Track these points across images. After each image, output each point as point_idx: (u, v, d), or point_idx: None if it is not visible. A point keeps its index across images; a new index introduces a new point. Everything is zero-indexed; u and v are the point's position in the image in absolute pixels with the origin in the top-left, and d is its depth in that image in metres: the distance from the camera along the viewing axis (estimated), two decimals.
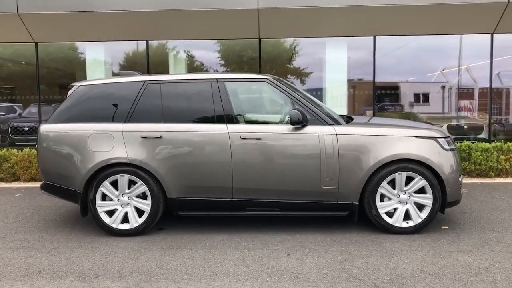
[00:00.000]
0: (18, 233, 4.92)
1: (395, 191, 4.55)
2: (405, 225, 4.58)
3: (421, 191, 4.55)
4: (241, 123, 4.83)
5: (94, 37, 9.27)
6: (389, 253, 4.08)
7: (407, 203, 4.57)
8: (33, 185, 7.57)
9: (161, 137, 4.61)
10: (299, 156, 4.56)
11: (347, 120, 5.14)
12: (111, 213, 4.70)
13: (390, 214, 4.60)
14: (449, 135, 4.82)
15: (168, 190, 4.62)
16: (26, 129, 10.48)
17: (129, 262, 3.99)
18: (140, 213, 4.69)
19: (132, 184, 4.65)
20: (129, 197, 4.66)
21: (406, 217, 4.59)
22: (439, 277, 3.55)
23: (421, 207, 4.58)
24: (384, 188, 4.53)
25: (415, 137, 4.57)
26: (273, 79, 4.82)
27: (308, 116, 4.58)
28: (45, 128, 4.83)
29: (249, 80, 4.94)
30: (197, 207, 4.71)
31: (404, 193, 4.56)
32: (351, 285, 3.44)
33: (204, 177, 4.59)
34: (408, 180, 4.54)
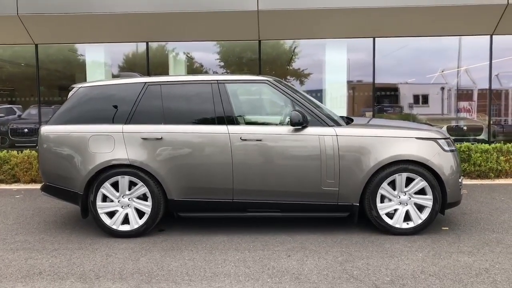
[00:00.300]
0: (18, 234, 4.92)
1: (395, 192, 4.56)
2: (405, 226, 4.59)
3: (421, 192, 4.56)
4: (241, 124, 4.84)
5: (94, 38, 9.28)
6: (390, 254, 4.08)
7: (407, 204, 4.58)
8: (33, 186, 7.57)
9: (161, 139, 4.62)
10: (299, 157, 4.57)
11: (347, 121, 5.15)
12: (111, 214, 4.70)
13: (390, 215, 4.61)
14: (449, 136, 4.83)
15: (168, 191, 4.62)
16: (25, 130, 10.47)
17: (130, 263, 3.99)
18: (140, 214, 4.69)
19: (132, 185, 4.66)
20: (129, 199, 4.66)
21: (406, 218, 4.60)
22: (439, 278, 3.55)
23: (421, 208, 4.59)
24: (384, 189, 4.54)
25: (415, 138, 4.58)
26: (273, 80, 4.83)
27: (308, 117, 4.59)
28: (45, 129, 4.84)
29: (249, 81, 4.95)
30: (197, 208, 4.72)
31: (404, 194, 4.57)
32: (352, 286, 3.44)
33: (204, 178, 4.60)
34: (408, 181, 4.55)
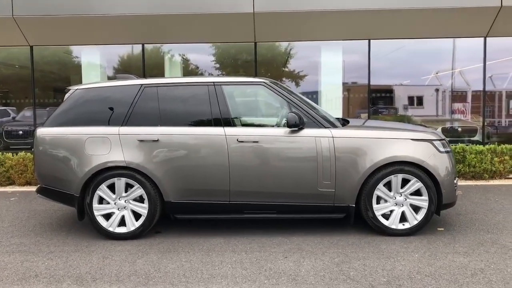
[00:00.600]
0: (14, 237, 4.90)
1: (391, 193, 4.59)
2: (401, 227, 4.61)
3: (417, 193, 4.59)
4: (238, 126, 4.85)
5: (89, 40, 9.25)
6: (386, 255, 4.10)
7: (403, 205, 4.60)
8: (28, 189, 7.54)
9: (158, 141, 4.61)
10: (296, 158, 4.58)
11: (343, 123, 5.17)
12: (108, 216, 4.69)
13: (386, 216, 4.63)
14: (444, 138, 4.87)
15: (165, 193, 4.62)
16: (20, 133, 10.42)
17: (127, 265, 3.99)
18: (137, 216, 4.69)
19: (129, 187, 4.65)
20: (126, 201, 4.66)
21: (402, 219, 4.62)
22: (435, 278, 3.58)
23: (417, 209, 4.62)
24: (380, 190, 4.56)
25: (410, 139, 4.60)
26: (269, 82, 4.85)
27: (304, 119, 4.60)
28: (41, 131, 4.82)
29: (246, 83, 4.95)
30: (194, 210, 4.72)
31: (400, 195, 4.59)
32: (349, 287, 3.46)
33: (201, 180, 4.60)
34: (404, 182, 4.57)
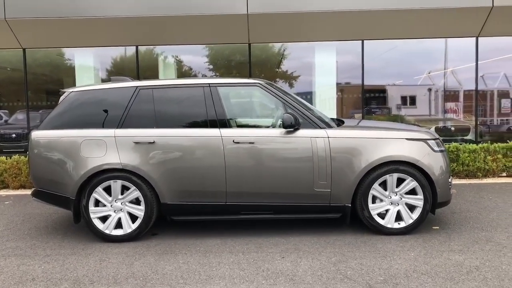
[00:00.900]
0: (9, 241, 4.87)
1: (386, 193, 4.62)
2: (397, 226, 4.64)
3: (412, 192, 4.62)
4: (234, 127, 4.87)
5: (83, 43, 9.23)
6: (382, 254, 4.13)
7: (398, 204, 4.64)
8: (22, 192, 7.49)
9: (154, 143, 4.61)
10: (291, 159, 4.60)
11: (338, 123, 5.20)
12: (104, 219, 4.68)
13: (382, 215, 4.66)
14: (438, 137, 4.91)
15: (161, 195, 4.62)
16: (13, 136, 10.36)
17: (124, 267, 3.98)
18: (133, 218, 4.68)
19: (125, 189, 4.64)
20: (122, 203, 4.65)
21: (397, 218, 4.65)
22: (431, 276, 3.61)
23: (412, 208, 4.65)
24: (375, 189, 4.59)
25: (405, 139, 4.64)
26: (265, 83, 4.86)
27: (300, 119, 4.62)
28: (36, 134, 4.80)
29: (241, 84, 4.96)
30: (190, 211, 4.72)
31: (395, 194, 4.63)
32: (346, 286, 3.48)
33: (197, 181, 4.60)
34: (399, 181, 4.60)
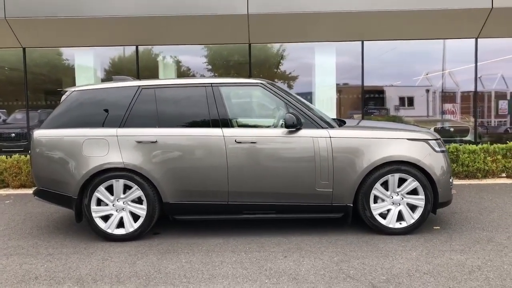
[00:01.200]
0: (11, 240, 4.86)
1: (388, 193, 4.63)
2: (398, 226, 4.66)
3: (414, 192, 4.64)
4: (236, 127, 4.88)
5: (83, 42, 9.23)
6: (384, 254, 4.15)
7: (400, 204, 4.65)
8: (23, 191, 7.48)
9: (156, 142, 4.62)
10: (293, 159, 4.61)
11: (339, 123, 5.22)
12: (106, 218, 4.68)
13: (383, 215, 4.68)
14: (439, 137, 4.93)
15: (163, 194, 4.62)
16: (13, 135, 10.34)
17: (127, 266, 3.99)
18: (135, 217, 4.68)
19: (127, 189, 4.65)
20: (124, 202, 4.65)
21: (399, 218, 4.67)
22: (434, 276, 3.63)
23: (413, 208, 4.67)
24: (377, 189, 4.61)
25: (407, 139, 4.66)
26: (267, 83, 4.87)
27: (302, 119, 4.63)
28: (38, 133, 4.80)
29: (243, 84, 4.97)
30: (192, 211, 4.72)
31: (397, 194, 4.64)
32: (349, 285, 3.49)
33: (199, 181, 4.61)
34: (400, 181, 4.62)
